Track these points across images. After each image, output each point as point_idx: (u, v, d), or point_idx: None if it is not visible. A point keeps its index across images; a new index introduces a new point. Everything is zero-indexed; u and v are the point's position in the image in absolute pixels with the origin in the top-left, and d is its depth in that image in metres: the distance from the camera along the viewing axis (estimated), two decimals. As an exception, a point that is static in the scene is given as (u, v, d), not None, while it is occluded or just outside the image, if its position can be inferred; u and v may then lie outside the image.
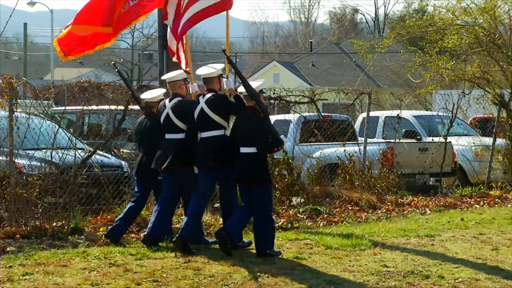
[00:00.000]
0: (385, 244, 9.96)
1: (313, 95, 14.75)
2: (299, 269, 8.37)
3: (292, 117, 15.90)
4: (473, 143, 17.33)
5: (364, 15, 74.35)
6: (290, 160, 13.53)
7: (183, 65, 10.27)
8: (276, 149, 9.53)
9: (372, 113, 16.26)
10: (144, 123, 9.96)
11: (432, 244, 10.01)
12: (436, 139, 16.35)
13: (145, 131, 9.90)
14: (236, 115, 9.40)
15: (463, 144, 17.14)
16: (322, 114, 15.64)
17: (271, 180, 9.44)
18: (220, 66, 9.76)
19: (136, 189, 10.12)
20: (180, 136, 9.56)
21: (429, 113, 20.21)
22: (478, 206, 14.08)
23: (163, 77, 10.48)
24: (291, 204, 13.13)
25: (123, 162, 12.49)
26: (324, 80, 50.42)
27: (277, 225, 11.37)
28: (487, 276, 8.14)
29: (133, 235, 10.22)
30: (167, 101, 9.72)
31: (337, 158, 14.56)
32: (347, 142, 15.29)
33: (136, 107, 11.45)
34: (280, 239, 10.07)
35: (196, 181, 9.44)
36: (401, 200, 14.03)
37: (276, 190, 12.94)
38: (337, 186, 13.93)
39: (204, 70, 9.59)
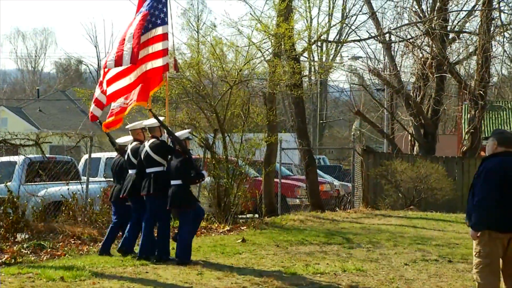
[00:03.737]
0: (104, 273, 9.74)
1: (38, 138, 14.34)
2: (21, 303, 7.91)
3: (18, 158, 15.19)
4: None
5: (88, 66, 73.25)
6: (15, 199, 12.91)
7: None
8: (197, 181, 11.36)
9: (94, 155, 15.99)
10: (118, 161, 11.58)
11: (146, 272, 9.95)
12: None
13: (119, 167, 11.46)
14: (172, 155, 10.83)
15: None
16: (47, 156, 15.32)
17: (194, 205, 10.90)
18: (161, 118, 11.24)
19: (113, 214, 11.66)
20: (135, 171, 11.00)
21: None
22: (187, 236, 14.24)
23: (127, 127, 11.63)
24: (16, 240, 12.42)
25: None
26: (51, 124, 49.08)
27: (0, 261, 10.72)
28: (193, 298, 8.31)
29: None
30: (129, 145, 11.24)
31: (61, 196, 14.17)
32: (70, 181, 14.92)
33: None
34: (3, 274, 9.43)
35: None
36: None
37: (0, 227, 12.22)
38: (61, 222, 13.49)
39: (149, 122, 11.19)
